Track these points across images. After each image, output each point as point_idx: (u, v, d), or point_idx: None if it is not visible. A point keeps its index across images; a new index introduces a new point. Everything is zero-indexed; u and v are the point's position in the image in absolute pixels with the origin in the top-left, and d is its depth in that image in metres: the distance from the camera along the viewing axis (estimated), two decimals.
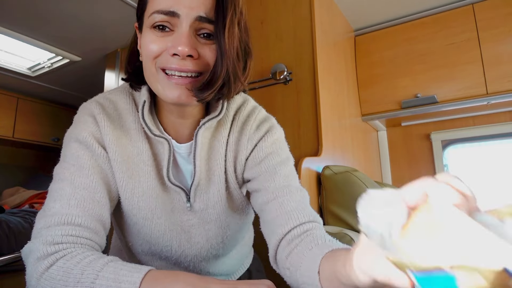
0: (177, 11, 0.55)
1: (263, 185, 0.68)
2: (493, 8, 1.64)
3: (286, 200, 0.65)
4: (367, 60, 1.94)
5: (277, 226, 0.63)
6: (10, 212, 2.07)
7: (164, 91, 0.58)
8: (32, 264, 0.52)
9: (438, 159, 1.93)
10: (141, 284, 0.46)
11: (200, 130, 0.65)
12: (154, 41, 0.57)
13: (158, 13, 0.56)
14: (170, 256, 0.73)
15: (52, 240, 0.53)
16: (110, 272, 0.48)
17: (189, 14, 0.55)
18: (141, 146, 0.66)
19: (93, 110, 0.64)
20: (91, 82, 2.64)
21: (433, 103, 1.71)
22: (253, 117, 0.72)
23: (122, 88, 0.69)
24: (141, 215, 0.67)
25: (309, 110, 1.40)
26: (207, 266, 0.78)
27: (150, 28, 0.57)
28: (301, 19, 1.48)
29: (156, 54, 0.57)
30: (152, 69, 0.58)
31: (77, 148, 0.62)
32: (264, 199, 0.67)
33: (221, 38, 0.55)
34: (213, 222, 0.72)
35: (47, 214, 0.56)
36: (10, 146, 3.03)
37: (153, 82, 0.59)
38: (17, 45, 2.15)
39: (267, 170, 0.69)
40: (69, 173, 0.60)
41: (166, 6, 0.55)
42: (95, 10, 1.82)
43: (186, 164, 0.70)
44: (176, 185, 0.67)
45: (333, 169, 1.27)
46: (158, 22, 0.56)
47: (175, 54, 0.55)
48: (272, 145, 0.71)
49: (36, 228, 0.56)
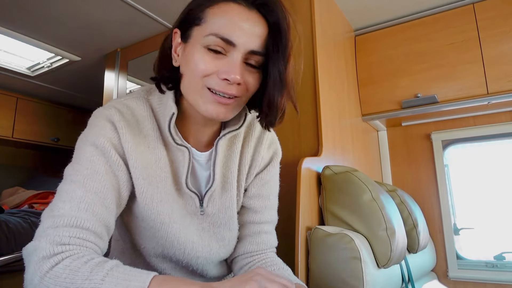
0: (235, 42, 0.60)
1: (255, 207, 0.80)
2: (493, 8, 1.63)
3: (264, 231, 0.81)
4: (367, 60, 1.93)
5: (248, 243, 0.80)
6: (10, 213, 2.06)
7: (206, 106, 0.62)
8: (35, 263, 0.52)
9: (438, 159, 1.93)
10: (150, 284, 0.48)
11: (221, 140, 0.71)
12: (207, 62, 0.61)
13: (217, 37, 0.60)
14: (182, 259, 0.76)
15: (59, 241, 0.54)
16: (120, 272, 0.50)
17: (244, 46, 0.60)
18: (159, 153, 0.69)
19: (112, 117, 0.65)
20: (91, 82, 2.63)
21: (433, 103, 1.71)
22: (266, 136, 0.80)
23: (138, 95, 0.71)
24: (159, 220, 0.70)
25: (309, 110, 1.40)
26: (213, 269, 0.82)
27: (204, 47, 0.61)
28: (301, 19, 1.48)
29: (206, 74, 0.61)
30: (198, 85, 0.62)
31: (92, 152, 0.63)
32: (250, 219, 0.81)
33: (281, 70, 0.62)
34: (222, 225, 0.77)
35: (55, 214, 0.57)
36: (10, 146, 3.02)
37: (194, 95, 0.63)
38: (16, 45, 2.14)
39: (264, 196, 0.81)
40: (82, 176, 0.60)
41: (226, 34, 0.59)
42: (95, 10, 1.81)
43: (202, 171, 0.74)
44: (192, 190, 0.72)
45: (333, 169, 1.26)
46: (214, 46, 0.60)
47: (226, 79, 0.60)
48: (275, 170, 0.83)
49: (42, 227, 0.56)
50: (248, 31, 0.60)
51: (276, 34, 0.62)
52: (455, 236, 1.84)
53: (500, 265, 1.72)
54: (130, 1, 1.74)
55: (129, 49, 2.21)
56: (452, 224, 1.85)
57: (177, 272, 0.79)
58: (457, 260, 1.80)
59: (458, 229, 1.88)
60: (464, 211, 1.91)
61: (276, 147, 0.83)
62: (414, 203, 1.70)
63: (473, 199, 1.89)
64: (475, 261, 1.79)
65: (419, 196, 1.93)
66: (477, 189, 1.90)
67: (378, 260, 1.12)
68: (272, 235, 0.84)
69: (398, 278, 1.29)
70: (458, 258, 1.81)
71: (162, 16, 1.89)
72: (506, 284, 1.66)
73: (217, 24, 0.60)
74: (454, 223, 1.87)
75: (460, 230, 1.88)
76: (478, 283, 1.73)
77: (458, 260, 1.80)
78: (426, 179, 1.95)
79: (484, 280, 1.71)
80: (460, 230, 1.88)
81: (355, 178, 1.21)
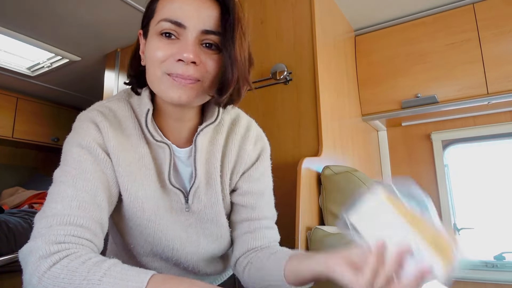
0: (184, 23, 0.60)
1: (250, 204, 0.79)
2: (493, 8, 1.64)
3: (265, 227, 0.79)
4: (367, 60, 1.93)
5: (250, 239, 0.78)
6: (10, 213, 2.06)
7: (167, 92, 0.62)
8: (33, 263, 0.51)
9: (438, 159, 1.93)
10: (148, 284, 0.48)
11: (199, 136, 0.71)
12: (160, 48, 0.61)
13: (166, 21, 0.60)
14: (171, 257, 0.76)
15: (55, 239, 0.54)
16: (117, 271, 0.50)
17: (195, 26, 0.61)
18: (142, 151, 0.70)
19: (95, 118, 0.66)
20: (91, 82, 2.64)
21: (433, 103, 1.71)
22: (252, 133, 0.80)
23: (119, 97, 0.73)
24: (145, 217, 0.70)
25: (309, 110, 1.40)
26: (205, 266, 0.82)
27: (157, 34, 0.62)
28: (301, 19, 1.48)
29: (162, 59, 0.61)
30: (157, 73, 0.62)
31: (79, 152, 0.63)
32: (246, 216, 0.79)
33: (231, 49, 0.61)
34: (209, 221, 0.77)
35: (47, 215, 0.57)
36: (10, 146, 3.02)
37: (157, 84, 0.63)
38: (16, 45, 2.15)
39: (257, 192, 0.80)
40: (71, 176, 0.61)
41: (174, 16, 0.60)
42: (95, 10, 1.81)
43: (185, 167, 0.74)
44: (176, 187, 0.72)
45: (333, 169, 1.26)
46: (166, 29, 0.61)
47: (180, 59, 0.60)
48: (264, 166, 0.81)
49: (36, 229, 0.56)
50: (198, 12, 0.61)
51: (224, 13, 0.62)
52: None
53: (500, 265, 1.72)
54: (130, 1, 1.74)
55: (129, 49, 2.21)
56: (452, 224, 1.85)
57: (170, 271, 0.79)
58: None
59: (458, 229, 1.89)
60: (464, 211, 1.91)
61: (263, 143, 0.82)
62: None
63: (473, 199, 1.89)
64: (475, 261, 1.79)
65: None
66: (477, 189, 1.90)
67: None
68: (274, 230, 0.82)
69: None
70: None
71: None
72: (506, 284, 1.67)
73: (166, 10, 0.61)
74: (454, 223, 1.88)
75: (460, 230, 1.89)
76: (478, 283, 1.73)
77: None
78: (426, 179, 1.95)
79: (484, 280, 1.71)
80: (460, 230, 1.89)
81: (355, 178, 1.21)
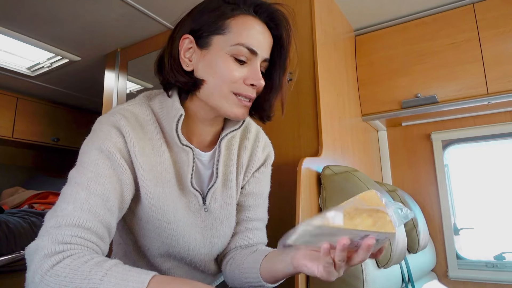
0: (257, 50, 0.69)
1: (249, 204, 0.86)
2: (493, 8, 1.63)
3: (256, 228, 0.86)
4: (367, 60, 1.93)
5: (239, 238, 0.84)
6: (10, 213, 2.06)
7: (231, 109, 0.70)
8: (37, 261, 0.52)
9: (438, 159, 1.93)
10: (148, 285, 0.49)
11: (223, 140, 0.77)
12: (235, 70, 0.68)
13: (244, 47, 0.68)
14: (186, 257, 0.79)
15: (61, 239, 0.55)
16: (119, 271, 0.50)
17: (262, 55, 0.70)
18: (162, 155, 0.73)
19: (118, 122, 0.68)
20: (91, 82, 2.63)
21: (433, 103, 1.70)
22: (261, 139, 0.88)
23: (140, 101, 0.76)
24: (165, 219, 0.73)
25: (309, 110, 1.40)
26: (213, 265, 0.85)
27: (230, 55, 0.68)
28: (301, 19, 1.48)
29: (234, 81, 0.68)
30: (224, 90, 0.69)
31: (97, 156, 0.64)
32: (243, 217, 0.85)
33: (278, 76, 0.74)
34: (224, 222, 0.80)
35: (58, 214, 0.58)
36: (10, 146, 3.02)
37: (220, 99, 0.69)
38: (16, 45, 2.14)
39: (257, 194, 0.86)
40: (86, 179, 0.62)
41: (251, 44, 0.68)
42: (95, 10, 1.81)
43: (205, 170, 0.79)
44: (196, 189, 0.76)
45: (333, 169, 1.26)
46: (243, 55, 0.68)
47: (253, 85, 0.69)
48: (268, 170, 0.89)
49: (45, 227, 0.58)
50: (264, 42, 0.70)
51: (279, 46, 0.73)
52: (455, 236, 1.84)
53: (500, 265, 1.72)
54: (130, 1, 1.74)
55: (129, 49, 2.21)
56: (452, 224, 1.85)
57: (181, 270, 0.82)
58: (457, 260, 1.80)
59: (458, 229, 1.88)
60: (464, 211, 1.91)
61: (270, 149, 0.91)
62: (414, 203, 1.70)
63: (473, 199, 1.89)
64: (475, 261, 1.79)
65: (419, 196, 1.93)
66: (477, 189, 1.90)
67: (378, 260, 1.12)
68: (263, 232, 0.88)
69: (398, 278, 1.29)
70: (458, 258, 1.81)
71: (162, 16, 1.89)
72: (506, 284, 1.66)
73: (245, 35, 0.68)
74: (454, 223, 1.88)
75: (460, 230, 1.88)
76: (478, 283, 1.73)
77: (458, 260, 1.80)
78: (426, 179, 1.95)
79: (484, 280, 1.71)
80: (460, 230, 1.88)
81: (355, 178, 1.21)
